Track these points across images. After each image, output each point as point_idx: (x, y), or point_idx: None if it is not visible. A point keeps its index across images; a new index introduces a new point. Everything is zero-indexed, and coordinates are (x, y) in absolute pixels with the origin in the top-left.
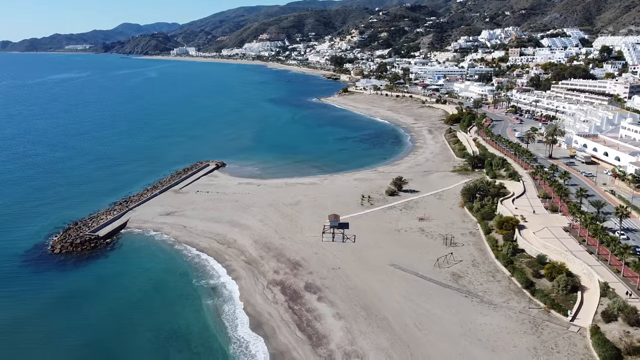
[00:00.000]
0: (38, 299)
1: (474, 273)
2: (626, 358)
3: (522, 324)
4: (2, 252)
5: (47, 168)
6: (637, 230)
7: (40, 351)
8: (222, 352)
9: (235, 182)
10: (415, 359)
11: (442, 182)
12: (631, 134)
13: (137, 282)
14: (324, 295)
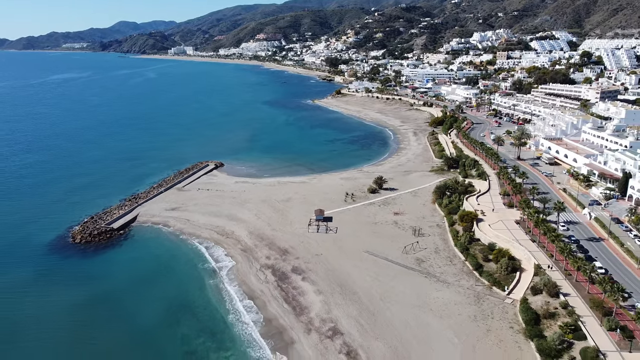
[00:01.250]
0: (66, 280)
1: (435, 258)
2: (543, 321)
3: (468, 297)
4: (30, 242)
5: (60, 167)
6: (579, 222)
7: (71, 318)
8: (222, 320)
9: (232, 181)
10: (378, 323)
11: (420, 181)
12: (590, 138)
13: (149, 266)
14: (307, 276)
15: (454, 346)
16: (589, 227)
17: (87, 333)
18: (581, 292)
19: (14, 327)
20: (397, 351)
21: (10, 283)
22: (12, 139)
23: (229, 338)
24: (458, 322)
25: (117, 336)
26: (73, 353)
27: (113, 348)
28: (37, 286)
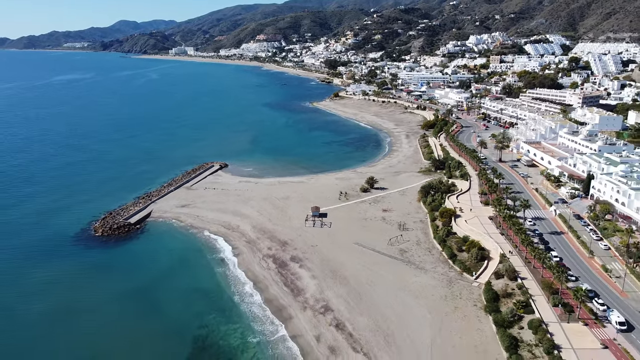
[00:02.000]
0: (92, 268)
1: (416, 249)
2: (501, 299)
3: (442, 282)
4: (57, 234)
5: (75, 168)
6: (545, 218)
7: (100, 300)
8: (230, 300)
9: (236, 181)
10: (363, 302)
11: (408, 181)
12: (566, 142)
13: (165, 257)
14: (304, 264)
15: (426, 320)
16: (554, 222)
17: (115, 312)
18: (536, 276)
19: (52, 308)
20: (378, 324)
21: (44, 271)
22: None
23: (237, 314)
24: (431, 302)
25: (140, 314)
26: (104, 328)
27: (137, 323)
28: (69, 273)
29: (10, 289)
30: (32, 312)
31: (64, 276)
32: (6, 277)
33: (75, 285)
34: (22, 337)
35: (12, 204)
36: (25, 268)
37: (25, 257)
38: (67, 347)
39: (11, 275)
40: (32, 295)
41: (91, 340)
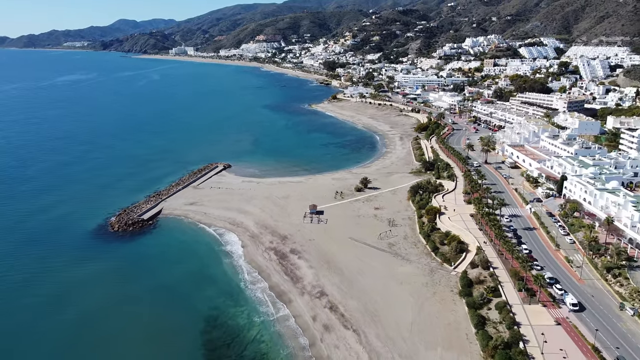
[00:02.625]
0: (111, 259)
1: (403, 243)
2: (474, 285)
3: (424, 271)
4: (77, 229)
5: (87, 169)
6: (521, 215)
7: (119, 286)
8: (237, 286)
9: (239, 180)
10: (354, 288)
11: (399, 181)
12: (547, 145)
13: (176, 249)
14: (302, 256)
15: (408, 303)
16: (528, 219)
17: (134, 297)
18: (507, 265)
19: (74, 292)
20: (366, 306)
21: (68, 262)
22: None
23: (243, 298)
24: (414, 288)
25: (157, 298)
26: (122, 309)
27: (155, 305)
28: (90, 264)
29: (39, 278)
30: (61, 297)
31: (89, 267)
32: (33, 267)
33: (99, 275)
34: (58, 313)
35: (35, 199)
36: (51, 260)
37: (49, 250)
38: (99, 323)
39: (38, 266)
40: (61, 284)
41: (116, 318)
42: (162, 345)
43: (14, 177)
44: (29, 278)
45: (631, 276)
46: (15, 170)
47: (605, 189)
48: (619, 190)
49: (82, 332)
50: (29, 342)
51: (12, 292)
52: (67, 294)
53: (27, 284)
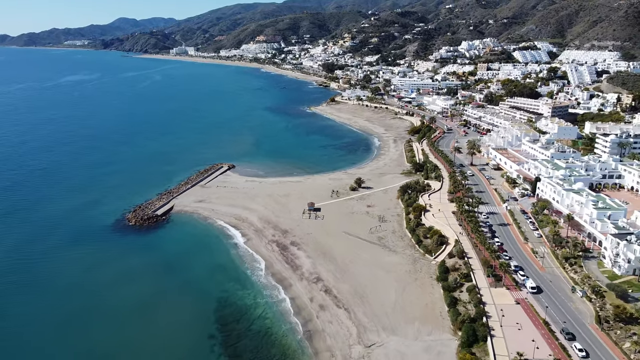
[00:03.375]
0: (131, 250)
1: (391, 236)
2: (450, 272)
3: (408, 260)
4: (97, 223)
5: (99, 168)
6: (498, 213)
7: (138, 273)
8: (243, 273)
9: (243, 180)
10: (346, 274)
11: (391, 181)
12: (527, 149)
13: (188, 242)
14: (301, 247)
15: (392, 287)
16: (504, 216)
17: (152, 282)
18: (479, 256)
19: (100, 278)
20: (356, 289)
21: (93, 253)
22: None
23: (250, 283)
24: (398, 275)
25: (174, 283)
26: (146, 290)
27: (171, 289)
28: (114, 253)
29: (67, 267)
30: (89, 283)
31: (112, 256)
32: (61, 258)
33: (123, 262)
34: (86, 297)
35: (58, 196)
36: (76, 251)
37: (74, 242)
38: (119, 302)
39: (65, 258)
40: (87, 271)
41: (136, 300)
42: (182, 318)
43: (38, 176)
44: (60, 265)
45: (585, 265)
46: (35, 170)
47: (571, 189)
48: (583, 190)
49: (114, 305)
50: (74, 312)
51: (46, 275)
52: (99, 277)
53: (60, 270)
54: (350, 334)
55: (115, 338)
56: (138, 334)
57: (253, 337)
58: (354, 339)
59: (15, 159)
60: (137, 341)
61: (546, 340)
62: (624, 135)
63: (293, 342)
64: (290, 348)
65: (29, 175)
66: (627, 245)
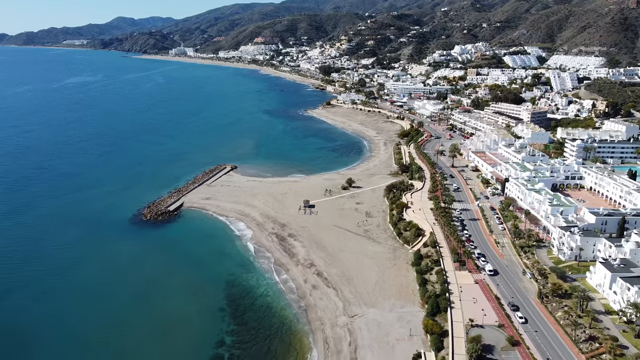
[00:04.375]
0: (148, 241)
1: (376, 229)
2: (423, 259)
3: (389, 249)
4: (117, 218)
5: (112, 168)
6: (470, 209)
7: (156, 260)
8: (248, 260)
9: (245, 180)
10: (335, 261)
11: (379, 181)
12: (503, 153)
13: (198, 234)
14: (297, 238)
15: (374, 271)
16: (475, 212)
17: (168, 268)
18: (449, 245)
19: (126, 263)
20: (343, 273)
21: (114, 244)
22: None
23: (252, 268)
24: (379, 261)
25: (188, 268)
26: (164, 274)
27: (187, 272)
28: (135, 244)
29: (90, 257)
30: (117, 267)
31: (133, 246)
32: (84, 249)
33: (143, 251)
34: (113, 278)
35: (81, 193)
36: (98, 243)
37: (99, 233)
38: (143, 283)
39: (87, 249)
40: (114, 258)
41: (157, 281)
42: (197, 295)
43: (59, 176)
44: (89, 253)
45: (537, 252)
46: (55, 170)
47: (533, 189)
48: (543, 190)
49: (138, 285)
50: (101, 294)
51: (74, 261)
52: (126, 262)
53: (89, 257)
54: (337, 307)
55: (141, 309)
56: (160, 307)
57: (257, 310)
58: (340, 311)
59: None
60: (160, 312)
61: (495, 310)
62: (589, 141)
63: (290, 314)
64: (288, 318)
65: (54, 175)
66: (570, 236)
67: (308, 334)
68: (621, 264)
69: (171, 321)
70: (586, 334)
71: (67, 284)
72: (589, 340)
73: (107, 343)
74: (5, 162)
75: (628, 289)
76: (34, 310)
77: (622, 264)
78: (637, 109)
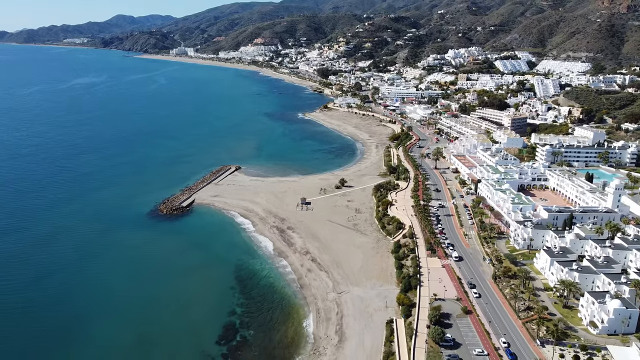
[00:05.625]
0: (165, 233)
1: (363, 224)
2: (402, 248)
3: (373, 240)
4: (136, 212)
5: (128, 170)
6: (446, 207)
7: (174, 247)
8: (252, 249)
9: (248, 179)
10: (327, 250)
11: (369, 182)
12: (481, 156)
13: (209, 227)
14: (295, 230)
15: (360, 258)
16: (450, 209)
17: (186, 253)
18: (425, 236)
19: (149, 251)
20: (334, 259)
21: (137, 234)
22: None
23: (257, 255)
24: (365, 250)
25: (201, 256)
26: (180, 259)
27: (201, 258)
28: (153, 235)
29: (118, 246)
30: (141, 254)
31: (153, 236)
32: (112, 239)
33: (163, 240)
34: (135, 266)
35: (102, 190)
36: (124, 234)
37: (123, 227)
38: (164, 267)
39: (115, 239)
40: (139, 247)
41: (174, 266)
42: (211, 277)
43: (84, 175)
44: (114, 243)
45: (497, 243)
46: (75, 170)
47: (500, 189)
48: (508, 190)
49: (161, 269)
50: (121, 280)
51: (105, 248)
52: (150, 250)
53: (115, 247)
54: (328, 286)
55: (164, 286)
56: (180, 285)
57: (261, 288)
58: (330, 289)
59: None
60: (181, 289)
61: (456, 288)
62: (558, 146)
63: (289, 291)
64: (287, 294)
65: (77, 175)
66: (523, 229)
67: (304, 306)
68: (560, 251)
69: (191, 296)
70: (525, 305)
71: (100, 267)
72: (527, 309)
73: (138, 312)
74: (33, 162)
75: (562, 271)
76: (76, 286)
77: (561, 251)
78: (610, 116)
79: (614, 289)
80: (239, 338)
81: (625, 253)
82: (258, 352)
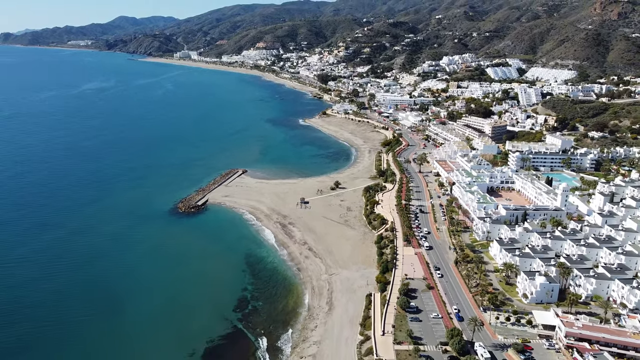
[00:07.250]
0: (185, 228)
1: (353, 220)
2: (383, 239)
3: (361, 233)
4: (159, 210)
5: (145, 173)
6: (425, 205)
7: (193, 239)
8: (259, 241)
9: (254, 181)
10: (322, 241)
11: (360, 183)
12: (459, 161)
13: (222, 223)
14: (295, 225)
15: (349, 247)
16: (428, 208)
17: (200, 246)
18: (403, 230)
19: (168, 247)
20: (327, 248)
21: (162, 228)
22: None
23: (264, 245)
24: (354, 241)
25: (217, 246)
26: (198, 249)
27: (216, 249)
28: (175, 229)
29: (145, 239)
30: (166, 246)
31: (176, 230)
32: (140, 233)
33: (183, 234)
34: (161, 254)
35: (129, 189)
36: (150, 229)
37: (145, 223)
38: (183, 256)
39: (142, 233)
40: (164, 240)
41: (193, 254)
42: (226, 262)
43: (110, 176)
44: (142, 237)
45: (462, 235)
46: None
47: (469, 190)
48: (476, 191)
49: (180, 256)
50: (145, 272)
51: (135, 242)
52: (170, 242)
53: (143, 241)
54: (321, 269)
55: (186, 270)
56: (199, 269)
57: (267, 271)
58: (323, 271)
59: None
60: (200, 272)
61: (424, 270)
62: (527, 152)
63: (290, 274)
64: (288, 276)
65: (104, 176)
66: (483, 224)
67: (301, 285)
68: (509, 241)
69: (210, 277)
70: (476, 282)
71: (134, 256)
72: (477, 286)
73: (168, 289)
74: (65, 167)
75: (507, 256)
76: (115, 271)
77: (510, 241)
78: (582, 124)
79: (544, 269)
80: (250, 307)
81: (561, 242)
82: (265, 317)
